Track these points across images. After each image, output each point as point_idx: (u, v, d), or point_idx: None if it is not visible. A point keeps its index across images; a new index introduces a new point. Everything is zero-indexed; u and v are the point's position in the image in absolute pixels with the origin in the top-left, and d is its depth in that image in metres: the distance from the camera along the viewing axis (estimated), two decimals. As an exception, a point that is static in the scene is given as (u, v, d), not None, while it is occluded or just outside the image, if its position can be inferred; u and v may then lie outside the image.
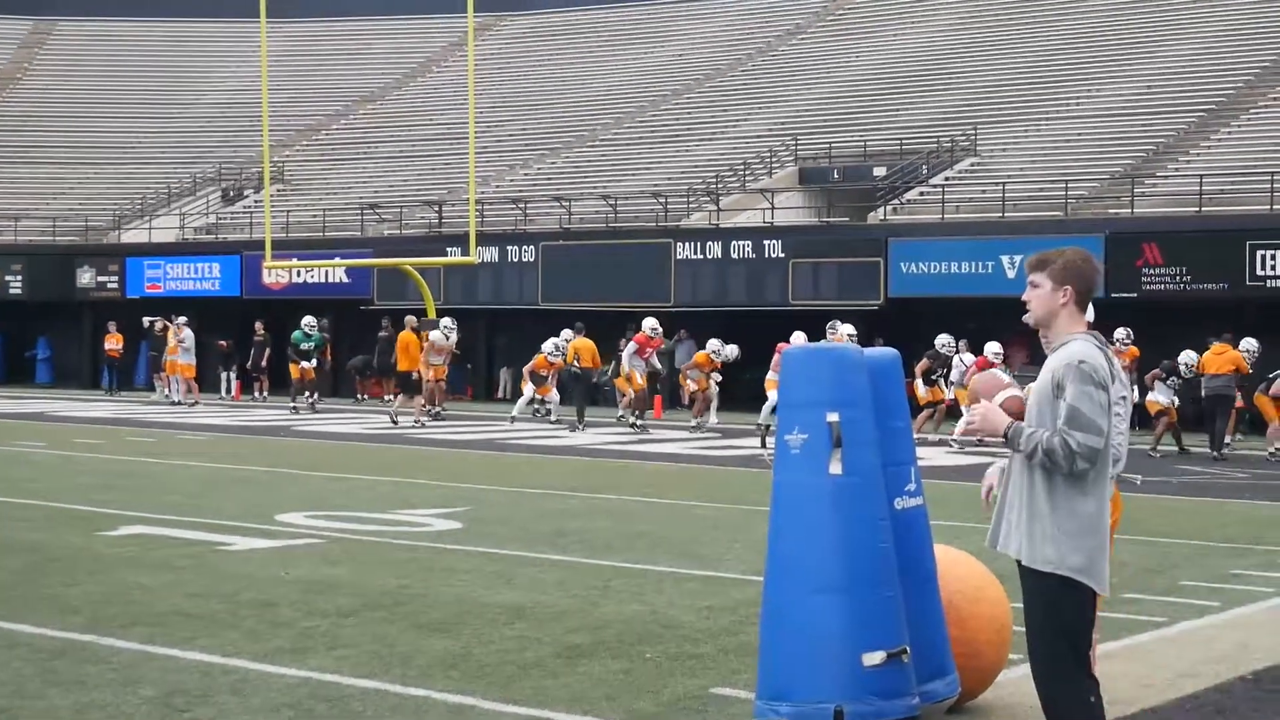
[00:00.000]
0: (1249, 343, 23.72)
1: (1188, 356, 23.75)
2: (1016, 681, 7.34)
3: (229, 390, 36.51)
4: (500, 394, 36.64)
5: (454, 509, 14.46)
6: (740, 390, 29.73)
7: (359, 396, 35.95)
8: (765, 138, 40.40)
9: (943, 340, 25.83)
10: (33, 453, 20.57)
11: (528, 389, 28.47)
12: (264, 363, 35.55)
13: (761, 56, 49.22)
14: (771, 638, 6.39)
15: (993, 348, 24.07)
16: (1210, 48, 39.52)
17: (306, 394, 31.07)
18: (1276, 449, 22.58)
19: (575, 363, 28.02)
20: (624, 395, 27.40)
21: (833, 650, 6.16)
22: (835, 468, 6.24)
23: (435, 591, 9.86)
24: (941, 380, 25.78)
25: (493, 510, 14.58)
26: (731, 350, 28.08)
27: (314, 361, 31.60)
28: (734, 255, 33.14)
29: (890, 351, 7.04)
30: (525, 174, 43.34)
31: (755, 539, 12.72)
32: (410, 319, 29.68)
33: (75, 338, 43.25)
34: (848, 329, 24.68)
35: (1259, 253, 27.63)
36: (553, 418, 27.91)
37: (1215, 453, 22.58)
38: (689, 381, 27.82)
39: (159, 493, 15.70)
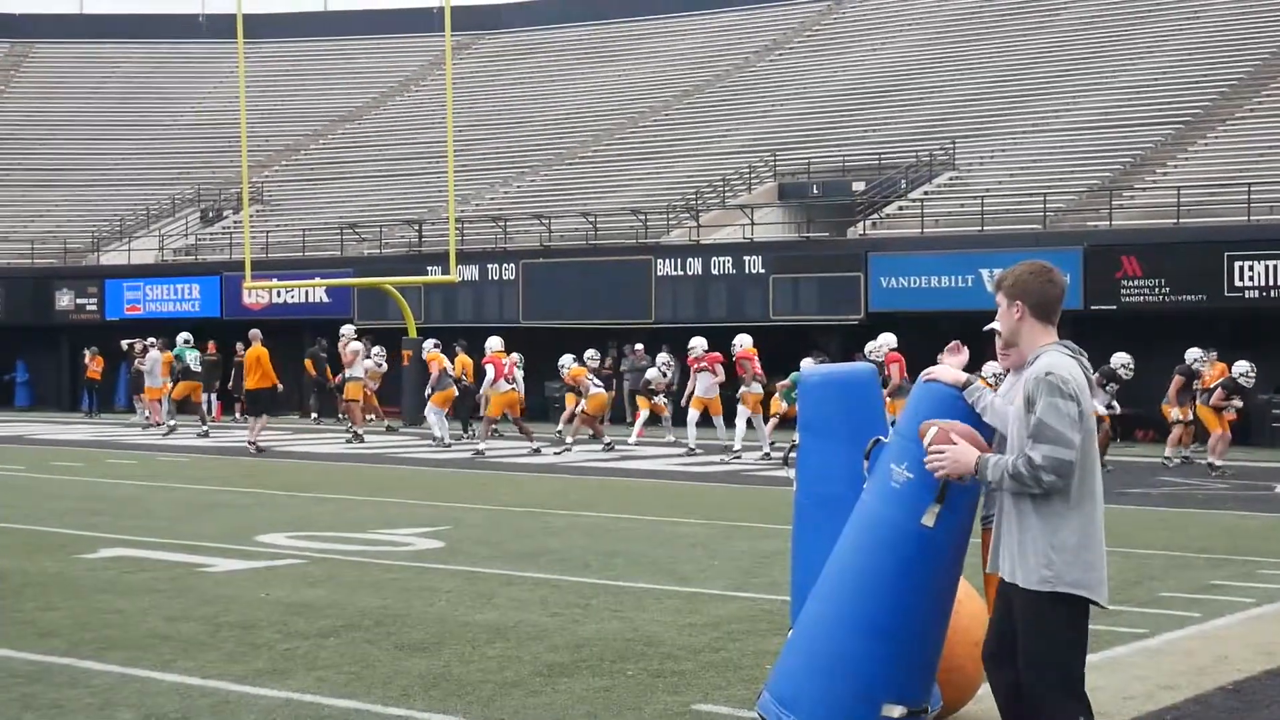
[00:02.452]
0: (1240, 365, 22.85)
1: (1122, 358, 23.14)
2: (997, 695, 7.35)
3: (210, 411, 36.39)
4: (480, 413, 36.56)
5: (434, 528, 14.44)
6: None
7: (340, 416, 35.86)
8: (744, 153, 40.48)
9: (871, 346, 24.64)
10: (11, 476, 20.48)
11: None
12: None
13: (740, 73, 49.34)
14: (801, 651, 6.28)
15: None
16: (1186, 60, 39.71)
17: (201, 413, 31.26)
18: (1214, 463, 21.92)
19: (462, 378, 28.36)
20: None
21: (859, 691, 6.07)
22: (929, 519, 5.91)
23: (416, 611, 9.84)
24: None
25: (473, 529, 14.56)
26: (661, 365, 27.85)
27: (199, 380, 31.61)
28: (714, 271, 33.19)
29: (868, 367, 7.08)
30: (505, 192, 43.36)
31: (735, 555, 12.74)
32: (255, 332, 27.22)
33: (54, 360, 43.12)
34: (748, 339, 24.89)
35: (1236, 264, 27.76)
36: (437, 433, 26.70)
37: None
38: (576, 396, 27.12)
39: (139, 515, 15.65)
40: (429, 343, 28.68)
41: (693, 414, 25.19)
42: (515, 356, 26.99)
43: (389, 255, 38.71)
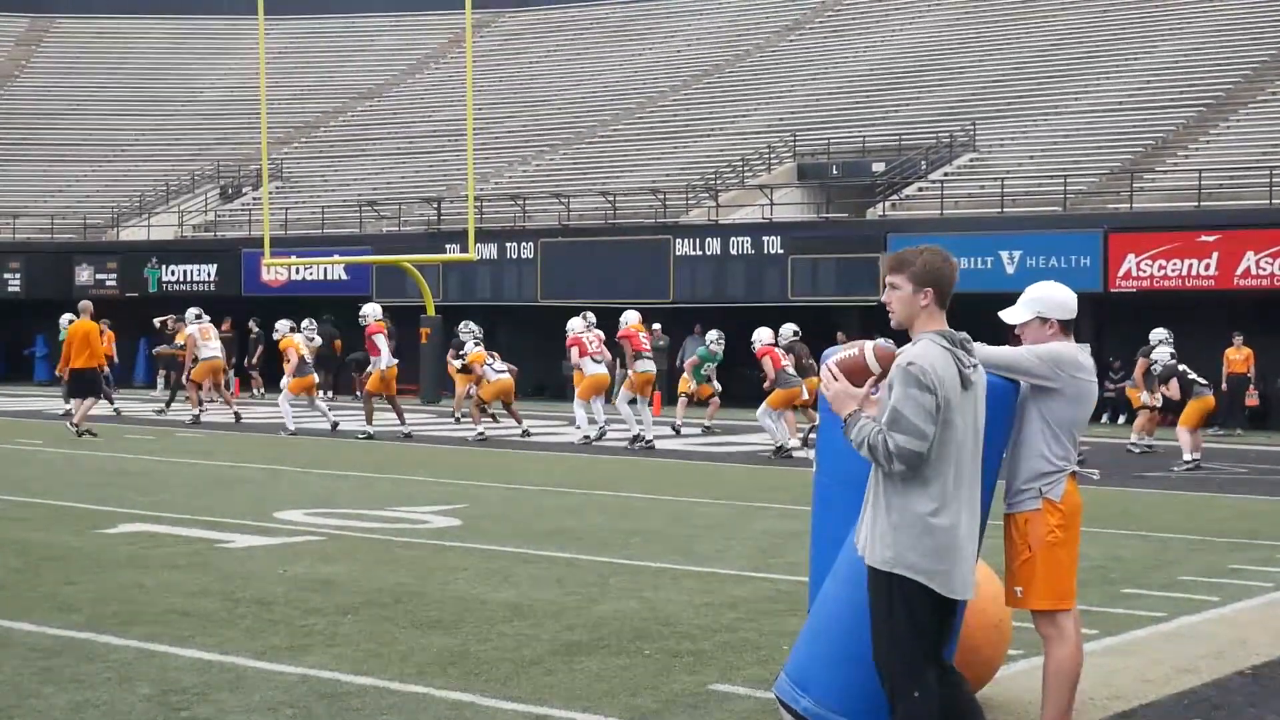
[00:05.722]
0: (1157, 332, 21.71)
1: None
2: (1014, 677, 7.36)
3: (228, 387, 36.45)
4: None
5: (452, 506, 14.46)
6: (739, 388, 29.65)
7: (358, 393, 35.94)
8: (764, 133, 40.40)
9: (787, 330, 23.40)
10: (31, 451, 20.55)
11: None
12: (254, 359, 35.70)
13: (760, 52, 49.22)
14: (818, 633, 6.26)
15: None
16: (1208, 42, 39.54)
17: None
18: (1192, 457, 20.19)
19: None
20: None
21: (874, 674, 6.07)
22: None
23: (434, 589, 9.85)
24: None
25: (490, 507, 14.58)
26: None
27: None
28: (733, 251, 33.15)
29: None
30: (524, 170, 43.34)
31: (753, 535, 12.74)
32: (85, 304, 23.75)
33: (74, 335, 43.17)
34: (633, 316, 23.62)
35: (1256, 248, 27.66)
36: (290, 426, 24.65)
37: None
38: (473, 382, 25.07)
39: (158, 491, 15.68)
40: (283, 324, 26.62)
41: (623, 394, 23.46)
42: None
43: (407, 233, 38.72)
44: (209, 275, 40.53)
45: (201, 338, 27.24)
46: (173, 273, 41.06)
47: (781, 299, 32.03)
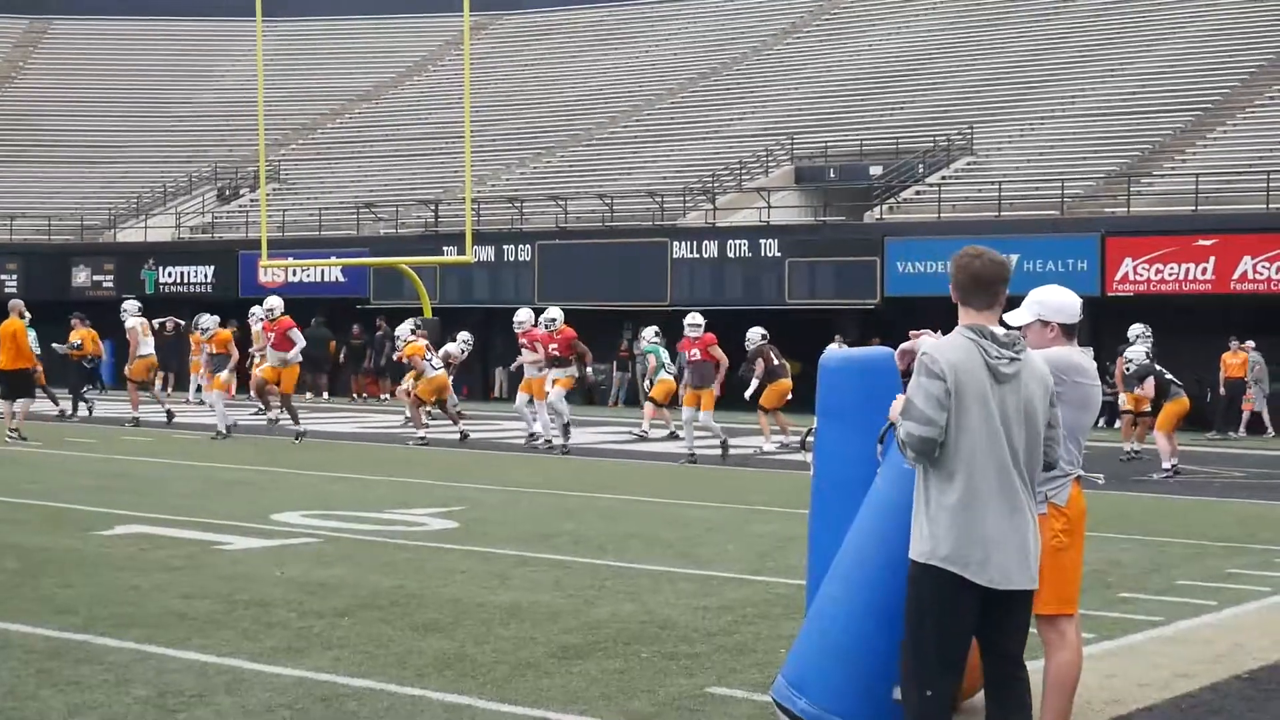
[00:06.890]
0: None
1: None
2: (1012, 681, 7.34)
3: (164, 386, 36.27)
4: (496, 393, 36.66)
5: (450, 508, 14.45)
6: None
7: (356, 395, 35.99)
8: (761, 137, 40.41)
9: (754, 334, 23.28)
10: (27, 453, 20.53)
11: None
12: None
13: (757, 55, 49.24)
14: (814, 635, 6.26)
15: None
16: (1206, 46, 39.56)
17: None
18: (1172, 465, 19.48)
19: (88, 356, 27.56)
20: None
21: (871, 675, 6.05)
22: None
23: (431, 591, 9.85)
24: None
25: (488, 510, 14.57)
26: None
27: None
28: (730, 254, 33.16)
29: (886, 351, 7.05)
30: (521, 173, 43.34)
31: (751, 539, 12.73)
32: (15, 303, 22.98)
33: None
34: (550, 312, 22.95)
35: (1253, 252, 27.68)
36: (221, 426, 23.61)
37: None
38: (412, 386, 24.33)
39: (154, 493, 15.67)
40: (210, 319, 25.59)
41: (521, 397, 23.45)
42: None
43: (405, 235, 38.71)
44: (206, 277, 40.54)
45: (142, 333, 27.11)
46: (170, 274, 41.06)
47: (779, 302, 32.04)
